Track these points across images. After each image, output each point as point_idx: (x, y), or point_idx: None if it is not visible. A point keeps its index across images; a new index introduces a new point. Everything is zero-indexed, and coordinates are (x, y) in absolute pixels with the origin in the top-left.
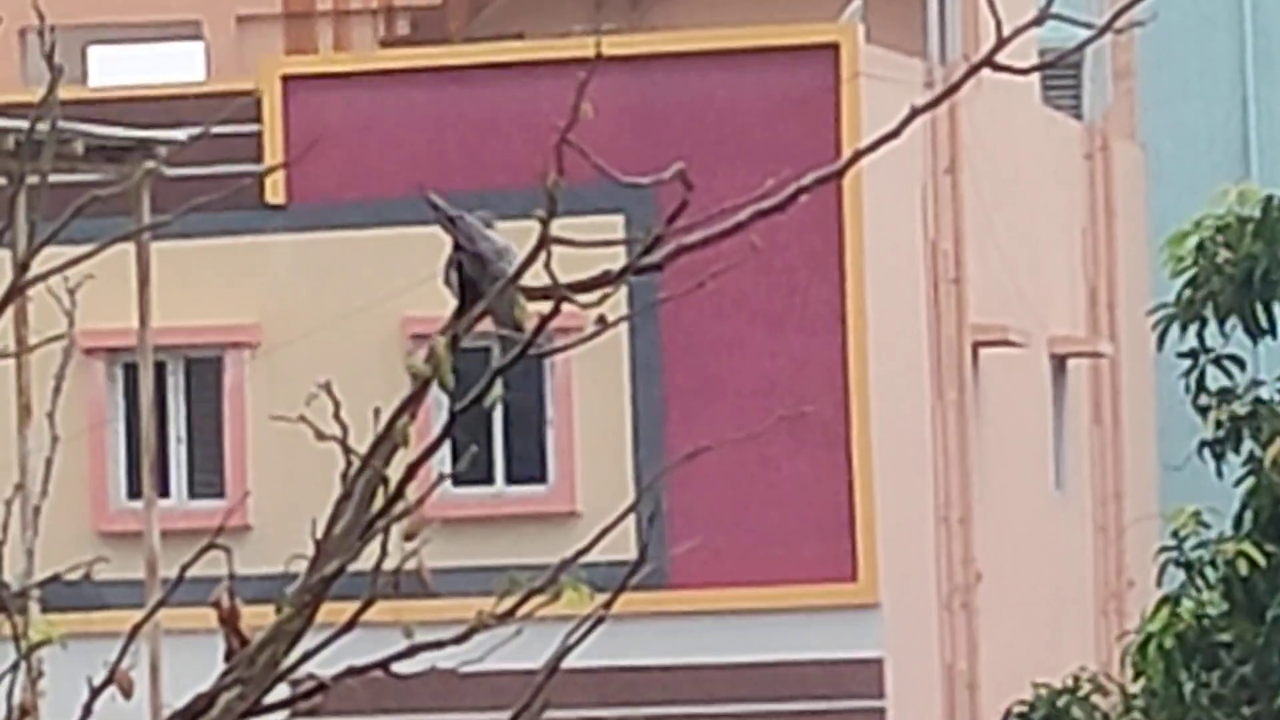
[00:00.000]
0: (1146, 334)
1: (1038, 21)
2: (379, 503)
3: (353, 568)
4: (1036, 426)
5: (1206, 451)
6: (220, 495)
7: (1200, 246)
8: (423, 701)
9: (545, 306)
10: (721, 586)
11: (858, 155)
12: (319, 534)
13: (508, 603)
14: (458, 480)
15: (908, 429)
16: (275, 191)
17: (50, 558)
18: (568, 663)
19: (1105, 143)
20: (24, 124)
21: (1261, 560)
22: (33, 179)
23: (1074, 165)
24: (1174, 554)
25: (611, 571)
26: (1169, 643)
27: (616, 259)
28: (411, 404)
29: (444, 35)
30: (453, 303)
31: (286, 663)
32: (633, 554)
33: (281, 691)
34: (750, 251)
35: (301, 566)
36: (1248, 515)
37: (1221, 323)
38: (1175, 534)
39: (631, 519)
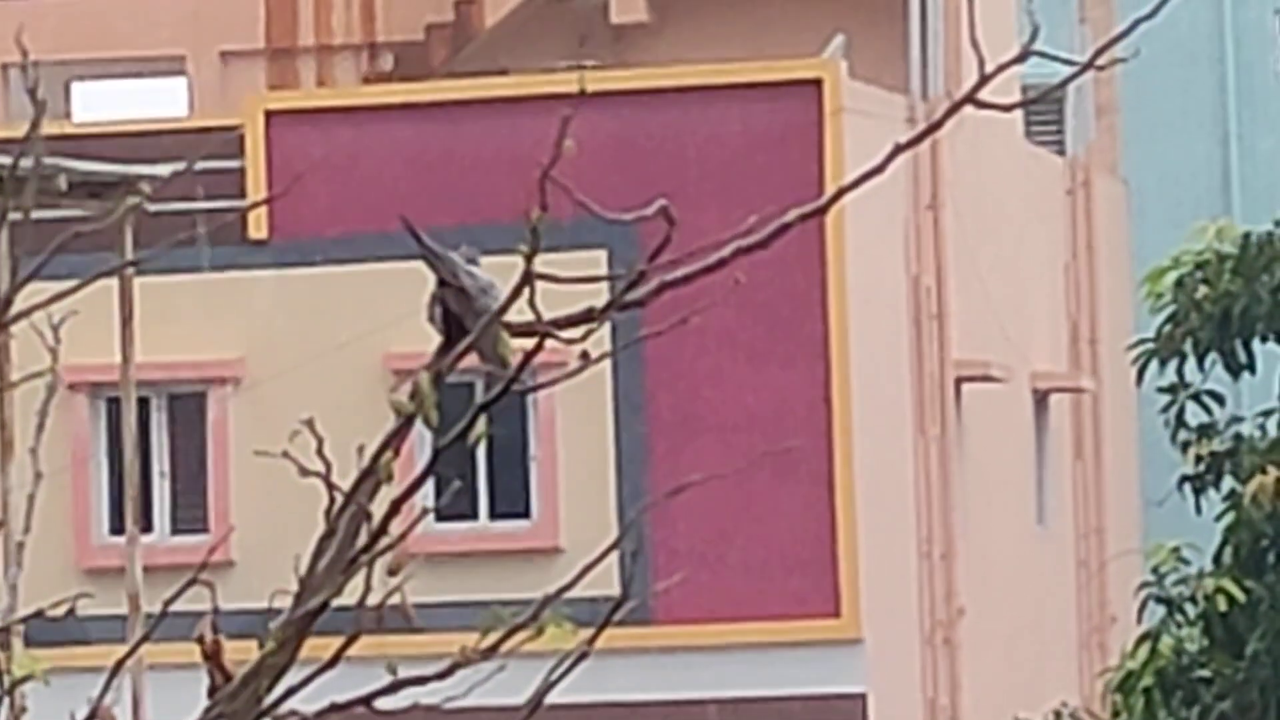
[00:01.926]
0: (1128, 370)
1: (1020, 59)
2: (363, 538)
3: (336, 603)
4: (1018, 462)
5: (1187, 487)
6: (204, 531)
7: (1179, 283)
8: None
9: (529, 342)
10: (704, 622)
11: (841, 192)
12: (302, 569)
13: (491, 638)
14: (441, 515)
15: (890, 464)
16: (258, 227)
17: (33, 593)
18: (551, 698)
19: (1087, 178)
20: (7, 159)
21: (1241, 596)
22: (16, 215)
23: (1056, 201)
24: (1154, 590)
25: (595, 607)
26: (1148, 680)
27: (600, 295)
28: (395, 440)
29: (427, 71)
30: (436, 338)
31: (270, 698)
32: (616, 590)
33: None
34: (733, 287)
35: (285, 602)
36: (1228, 551)
37: (1200, 359)
38: (1155, 570)
39: (615, 555)
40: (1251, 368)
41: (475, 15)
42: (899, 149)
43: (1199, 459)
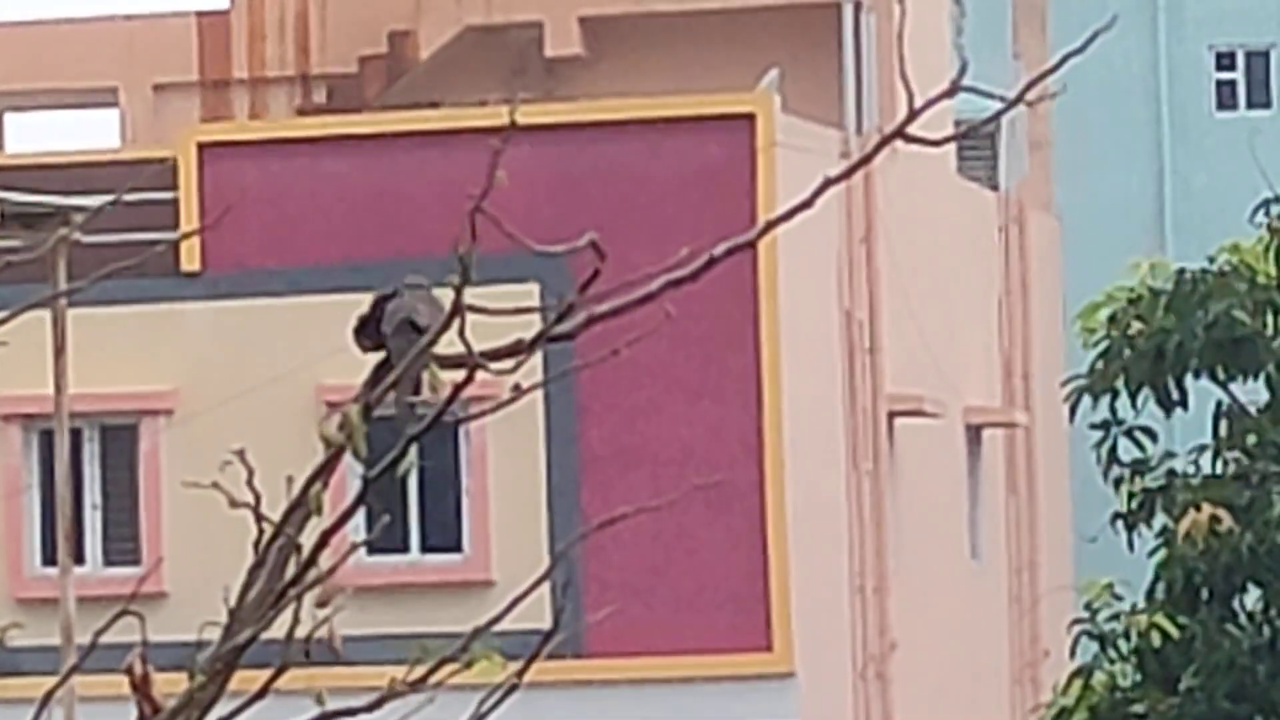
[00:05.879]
0: (1061, 405)
1: (950, 93)
2: (292, 570)
3: (266, 635)
4: (952, 496)
5: (1119, 524)
6: (136, 562)
7: (1112, 319)
8: None
9: (460, 374)
10: (636, 655)
11: (771, 224)
12: (233, 601)
13: (420, 670)
14: (372, 548)
15: (823, 498)
16: (191, 259)
17: None
18: None
19: (1020, 213)
20: None
21: (1174, 632)
22: None
23: (989, 236)
24: (1087, 626)
25: (527, 640)
26: (1082, 716)
27: (531, 327)
28: (324, 471)
29: (360, 103)
30: (367, 369)
31: None
32: (548, 622)
33: None
34: (665, 320)
35: (215, 634)
36: (1160, 587)
37: (1133, 395)
38: (1088, 606)
39: (547, 587)
40: (1184, 404)
41: (409, 47)
42: (829, 182)
43: (1131, 495)
